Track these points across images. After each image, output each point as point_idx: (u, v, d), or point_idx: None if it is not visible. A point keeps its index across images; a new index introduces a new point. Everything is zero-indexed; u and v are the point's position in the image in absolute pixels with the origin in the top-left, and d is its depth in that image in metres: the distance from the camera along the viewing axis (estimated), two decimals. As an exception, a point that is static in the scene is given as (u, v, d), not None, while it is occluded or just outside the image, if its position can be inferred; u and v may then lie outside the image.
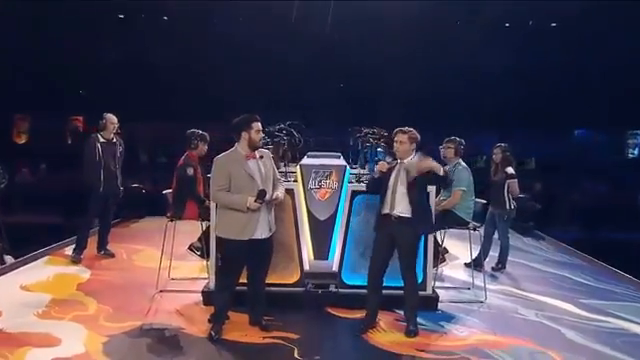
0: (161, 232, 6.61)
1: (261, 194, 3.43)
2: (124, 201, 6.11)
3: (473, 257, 4.90)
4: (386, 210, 3.63)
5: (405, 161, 3.68)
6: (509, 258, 5.41)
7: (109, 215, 5.55)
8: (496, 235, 5.35)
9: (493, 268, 5.33)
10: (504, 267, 5.36)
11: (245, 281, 3.65)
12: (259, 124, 3.53)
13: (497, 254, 5.37)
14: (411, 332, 3.61)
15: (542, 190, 9.28)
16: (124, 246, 5.89)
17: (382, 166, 3.76)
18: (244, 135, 3.49)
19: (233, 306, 3.67)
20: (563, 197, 9.59)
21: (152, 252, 5.71)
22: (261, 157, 3.54)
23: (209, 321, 3.63)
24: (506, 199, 5.23)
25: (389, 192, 3.65)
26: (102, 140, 5.30)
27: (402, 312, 3.80)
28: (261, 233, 3.48)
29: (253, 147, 3.49)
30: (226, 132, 3.68)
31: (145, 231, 6.81)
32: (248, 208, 3.40)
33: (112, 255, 5.50)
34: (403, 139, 3.69)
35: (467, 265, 5.00)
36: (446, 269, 5.23)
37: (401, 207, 3.59)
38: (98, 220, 5.50)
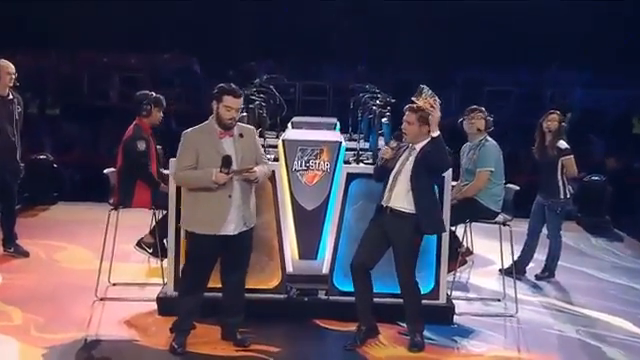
0: (85, 224, 8.02)
1: (226, 161, 4.47)
2: (26, 180, 7.38)
3: (514, 260, 6.23)
4: (382, 201, 4.92)
5: (417, 147, 4.87)
6: (561, 263, 6.82)
7: (12, 201, 6.79)
8: (545, 231, 6.72)
9: (537, 276, 6.76)
10: (552, 275, 6.77)
11: (216, 286, 4.91)
12: (233, 100, 4.57)
13: (545, 258, 6.77)
14: (415, 345, 4.96)
15: (620, 166, 10.59)
16: (39, 242, 7.25)
17: (385, 152, 4.94)
18: (215, 107, 4.67)
19: (201, 315, 4.97)
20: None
21: (79, 250, 7.10)
22: (241, 135, 4.70)
23: (171, 330, 4.91)
24: (560, 184, 6.56)
25: (389, 181, 4.89)
26: None
27: (406, 325, 5.14)
28: (234, 228, 4.66)
29: (221, 125, 4.63)
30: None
31: (63, 222, 8.18)
32: (216, 183, 4.52)
33: (26, 254, 6.84)
34: (411, 119, 4.86)
35: (505, 272, 6.32)
36: (475, 276, 6.65)
37: (399, 200, 4.83)
38: None
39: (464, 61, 16.89)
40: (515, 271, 6.19)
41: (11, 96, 6.53)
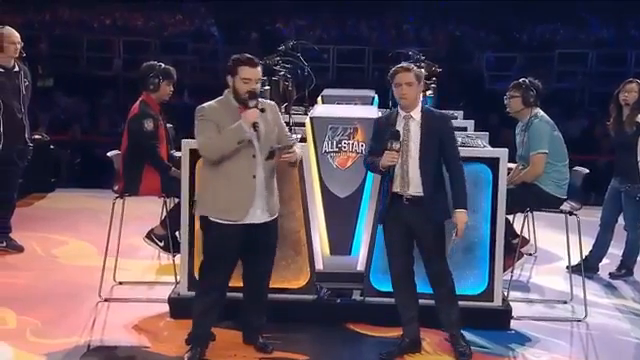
0: (86, 215, 8.25)
1: (253, 94, 4.64)
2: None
3: (584, 255, 6.30)
4: (396, 188, 4.92)
5: (414, 114, 4.88)
6: (640, 259, 6.90)
7: (13, 187, 7.08)
8: (622, 222, 6.78)
9: (612, 274, 6.85)
10: (630, 273, 6.86)
11: (235, 285, 5.06)
12: (251, 70, 4.72)
13: (621, 253, 6.86)
14: (462, 354, 5.06)
15: None
16: (34, 235, 7.56)
17: (391, 158, 4.76)
18: (230, 82, 4.82)
19: (218, 319, 5.09)
20: None
21: (81, 245, 7.40)
22: (262, 110, 4.78)
23: (187, 342, 5.06)
24: None
25: (399, 162, 4.86)
26: None
27: (445, 329, 5.23)
28: (260, 215, 4.84)
29: (238, 100, 4.76)
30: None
31: (62, 213, 8.48)
32: (254, 126, 4.59)
33: (20, 249, 7.15)
34: (410, 79, 4.82)
35: (573, 269, 6.39)
36: (537, 275, 6.76)
37: (416, 185, 4.82)
38: None
39: (531, 17, 16.80)
40: (585, 268, 6.26)
41: (17, 68, 6.87)
